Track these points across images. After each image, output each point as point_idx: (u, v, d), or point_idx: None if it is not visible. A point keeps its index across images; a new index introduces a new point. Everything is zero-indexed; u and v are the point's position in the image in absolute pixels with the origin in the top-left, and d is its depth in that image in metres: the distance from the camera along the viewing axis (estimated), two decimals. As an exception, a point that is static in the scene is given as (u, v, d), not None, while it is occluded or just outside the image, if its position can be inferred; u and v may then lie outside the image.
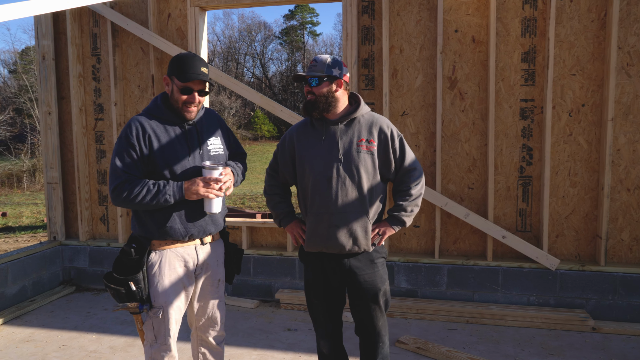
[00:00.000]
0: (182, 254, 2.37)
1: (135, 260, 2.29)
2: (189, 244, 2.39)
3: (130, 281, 2.25)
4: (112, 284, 2.28)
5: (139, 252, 2.30)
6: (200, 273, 2.46)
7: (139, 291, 2.28)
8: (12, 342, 3.72)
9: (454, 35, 4.19)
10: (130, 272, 2.28)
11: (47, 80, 4.82)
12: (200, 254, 2.43)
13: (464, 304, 4.15)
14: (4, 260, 4.30)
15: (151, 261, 2.32)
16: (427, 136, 4.32)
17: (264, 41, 45.14)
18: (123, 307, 2.30)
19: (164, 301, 2.33)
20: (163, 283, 2.33)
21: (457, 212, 4.18)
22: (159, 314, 2.33)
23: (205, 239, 2.45)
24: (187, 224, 2.33)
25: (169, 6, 4.68)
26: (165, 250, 2.33)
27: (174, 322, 2.38)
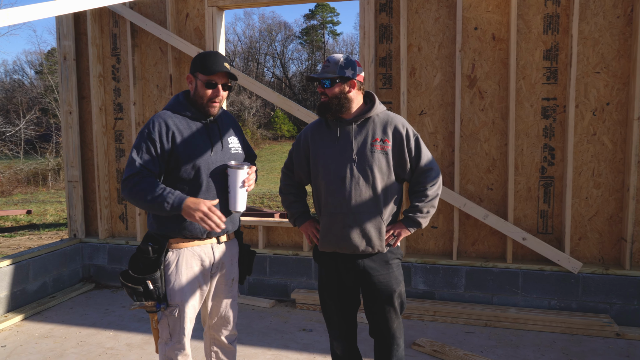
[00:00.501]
0: (198, 252, 2.37)
1: (152, 259, 2.29)
2: (206, 243, 2.39)
3: (147, 280, 2.25)
4: (130, 283, 2.28)
5: (156, 250, 2.30)
6: (215, 272, 2.47)
7: (156, 290, 2.28)
8: (32, 338, 3.78)
9: (473, 32, 4.11)
10: (147, 270, 2.28)
11: (68, 80, 4.90)
12: (217, 252, 2.43)
13: (483, 306, 4.07)
14: (25, 257, 4.37)
15: (168, 260, 2.32)
16: (445, 136, 4.25)
17: (284, 41, 45.29)
18: (140, 306, 2.30)
19: (180, 300, 2.33)
20: (180, 282, 2.33)
21: (475, 213, 4.10)
22: (174, 313, 2.33)
23: (221, 238, 2.44)
24: None
25: (187, 6, 4.71)
26: (182, 249, 2.33)
27: (188, 320, 2.38)
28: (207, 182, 2.32)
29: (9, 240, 9.32)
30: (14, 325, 4.02)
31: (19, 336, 3.82)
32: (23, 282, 4.33)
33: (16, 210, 12.30)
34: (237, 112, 35.56)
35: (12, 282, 4.22)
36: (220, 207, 2.35)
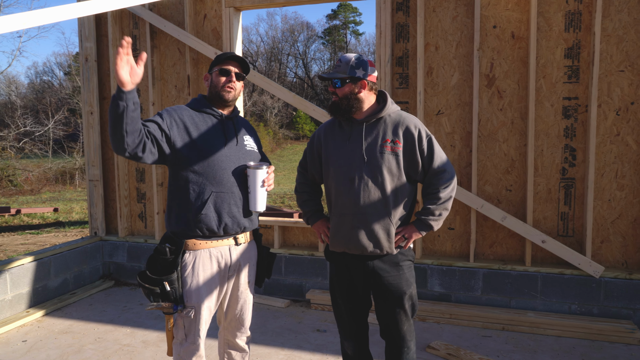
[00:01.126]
0: (215, 254, 2.38)
1: (170, 261, 2.30)
2: (224, 244, 2.40)
3: (165, 281, 2.26)
4: (147, 284, 2.30)
5: (173, 252, 2.32)
6: (232, 274, 2.48)
7: (173, 291, 2.29)
8: (51, 333, 3.87)
9: (492, 31, 4.04)
10: (164, 272, 2.30)
11: (90, 81, 4.99)
12: (234, 254, 2.45)
13: (500, 310, 3.99)
14: (47, 254, 4.48)
15: (185, 261, 2.33)
16: (462, 136, 4.18)
17: (306, 41, 45.37)
18: (157, 307, 2.31)
19: (196, 301, 2.34)
20: (197, 283, 2.34)
21: (493, 215, 4.02)
22: (190, 314, 2.34)
23: (239, 239, 2.45)
24: (221, 212, 2.33)
25: (205, 7, 4.75)
26: (199, 250, 2.34)
27: (204, 322, 2.39)
28: (221, 175, 2.34)
29: (35, 237, 9.57)
30: (35, 320, 4.12)
31: (40, 331, 3.91)
32: (45, 279, 4.44)
33: (43, 208, 12.64)
34: (260, 112, 35.80)
35: (34, 279, 4.33)
36: (230, 200, 2.36)
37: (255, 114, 36.18)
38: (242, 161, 2.43)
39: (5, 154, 21.48)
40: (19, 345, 3.65)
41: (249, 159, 2.46)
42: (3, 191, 18.88)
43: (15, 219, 11.50)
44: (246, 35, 44.71)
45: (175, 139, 2.29)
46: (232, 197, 2.36)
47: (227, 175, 2.36)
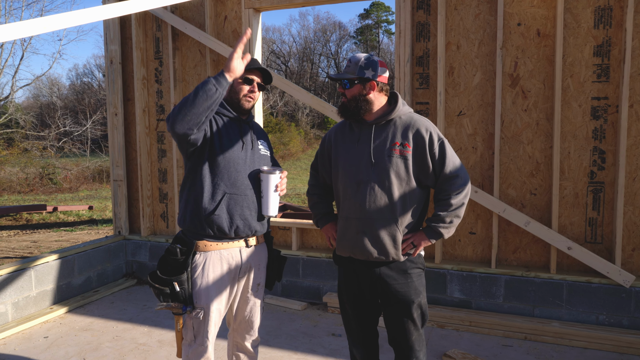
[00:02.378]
0: (226, 256, 2.38)
1: (180, 261, 2.32)
2: (234, 246, 2.39)
3: (174, 282, 2.28)
4: (157, 284, 2.31)
5: (184, 252, 2.32)
6: (242, 276, 2.47)
7: (183, 292, 2.30)
8: (72, 330, 3.96)
9: (516, 29, 3.89)
10: (175, 272, 2.31)
11: (114, 83, 5.09)
12: (245, 256, 2.44)
13: (522, 318, 3.84)
14: (71, 252, 4.59)
15: (195, 262, 2.34)
16: (485, 137, 4.05)
17: (338, 41, 45.28)
18: (167, 307, 2.33)
19: (205, 303, 2.34)
20: (206, 285, 2.34)
21: (516, 220, 3.87)
22: (199, 315, 2.34)
23: (250, 241, 2.44)
24: (233, 214, 2.33)
25: (226, 9, 4.77)
26: (209, 251, 2.34)
27: (213, 324, 2.39)
28: (236, 177, 2.35)
29: (69, 234, 9.88)
30: (58, 317, 4.22)
31: (61, 328, 4.00)
32: (69, 276, 4.55)
33: (79, 206, 13.04)
34: (291, 112, 35.96)
35: (58, 276, 4.44)
36: (243, 203, 2.36)
37: (287, 114, 36.38)
38: (257, 165, 2.44)
39: (46, 153, 22.30)
40: (40, 341, 3.75)
41: (262, 164, 2.48)
42: (43, 189, 19.61)
43: (52, 216, 11.90)
44: (278, 36, 45.04)
45: (208, 128, 2.32)
46: (245, 200, 2.36)
47: (242, 177, 2.36)
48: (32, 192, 18.83)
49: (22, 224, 11.11)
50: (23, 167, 20.84)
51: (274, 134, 30.05)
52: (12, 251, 8.06)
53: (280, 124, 32.26)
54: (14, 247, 8.38)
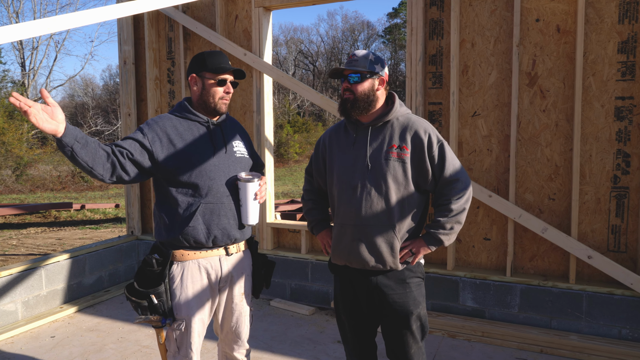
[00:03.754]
0: (205, 265, 2.28)
1: (157, 272, 2.22)
2: (213, 255, 2.29)
3: (152, 294, 2.18)
4: (134, 297, 2.21)
5: (161, 263, 2.23)
6: (224, 286, 2.37)
7: (161, 304, 2.20)
8: (79, 330, 3.97)
9: (534, 25, 3.69)
10: (152, 284, 2.21)
11: (128, 83, 5.11)
12: (225, 265, 2.34)
13: (539, 330, 3.64)
14: (82, 252, 4.62)
15: (173, 273, 2.24)
16: (500, 139, 3.86)
17: (366, 40, 44.99)
18: (145, 320, 2.23)
19: (186, 314, 2.26)
20: (186, 296, 2.25)
21: (532, 226, 3.68)
22: (181, 327, 2.27)
23: (230, 249, 2.34)
24: (210, 224, 2.23)
25: (237, 8, 4.71)
26: (187, 261, 2.25)
27: (196, 334, 2.30)
28: (210, 185, 2.23)
29: (94, 232, 10.06)
30: (67, 316, 4.25)
31: (69, 328, 4.02)
32: (80, 276, 4.58)
33: (106, 204, 13.28)
34: (318, 111, 35.89)
35: (69, 275, 4.48)
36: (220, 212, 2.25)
37: (314, 113, 36.35)
38: (232, 170, 2.31)
39: (78, 152, 22.84)
40: (47, 341, 3.77)
41: (239, 167, 2.35)
42: (75, 187, 20.14)
43: (79, 214, 12.16)
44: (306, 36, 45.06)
45: (158, 153, 2.18)
46: (222, 208, 2.25)
47: (217, 185, 2.24)
48: (64, 190, 19.36)
49: (50, 221, 11.39)
50: (56, 165, 21.47)
51: (300, 133, 30.05)
52: (36, 248, 8.25)
53: (307, 124, 32.25)
54: (39, 244, 8.59)
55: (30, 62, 26.51)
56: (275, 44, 43.38)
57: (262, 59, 4.50)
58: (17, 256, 7.60)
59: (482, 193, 3.81)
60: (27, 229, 10.39)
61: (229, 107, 4.83)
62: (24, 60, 26.41)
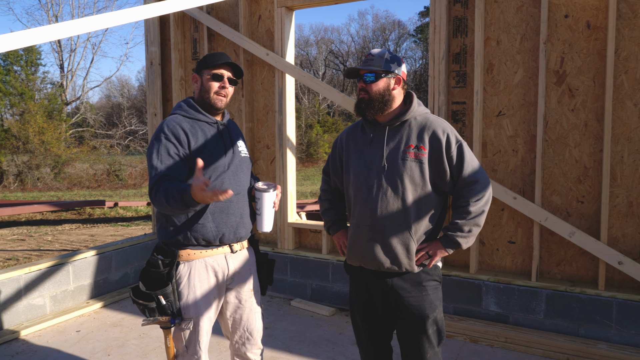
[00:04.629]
0: (211, 263, 2.29)
1: (163, 273, 2.21)
2: (219, 253, 2.30)
3: (159, 295, 2.18)
4: (141, 299, 2.21)
5: (167, 264, 2.22)
6: (231, 284, 2.38)
7: (169, 305, 2.20)
8: (103, 325, 4.06)
9: (563, 21, 3.56)
10: (159, 285, 2.21)
11: (154, 84, 5.20)
12: (231, 263, 2.35)
13: (565, 337, 3.51)
14: (109, 248, 4.73)
15: (180, 273, 2.24)
16: (526, 140, 3.74)
17: (397, 40, 44.60)
18: (154, 321, 2.23)
19: (195, 314, 2.26)
20: (194, 296, 2.25)
21: (559, 230, 3.55)
22: (189, 326, 2.27)
23: (234, 247, 2.35)
24: (219, 223, 2.25)
25: (260, 8, 4.73)
26: (193, 260, 2.26)
27: (204, 333, 2.31)
28: (220, 185, 2.25)
29: (125, 229, 10.31)
30: (93, 311, 4.36)
31: (94, 322, 4.12)
32: (106, 272, 4.69)
33: (138, 202, 13.59)
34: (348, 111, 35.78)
35: (96, 272, 4.59)
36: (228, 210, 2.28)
37: (343, 113, 36.27)
38: (239, 169, 2.35)
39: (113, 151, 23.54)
40: (72, 335, 3.87)
41: (244, 166, 2.40)
42: (110, 184, 20.72)
43: (112, 211, 12.49)
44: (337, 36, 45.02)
45: (187, 158, 2.21)
46: (231, 207, 2.27)
47: (227, 184, 2.26)
48: (99, 188, 19.95)
49: (84, 218, 11.74)
50: (92, 163, 22.15)
51: (330, 133, 30.03)
52: (70, 244, 8.51)
53: (336, 124, 32.22)
54: (73, 240, 8.85)
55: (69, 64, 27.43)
56: (305, 44, 43.51)
57: (284, 58, 4.50)
58: (51, 251, 7.85)
59: (506, 195, 3.70)
60: (62, 225, 10.73)
61: (253, 107, 4.85)
62: (62, 62, 27.34)
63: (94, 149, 23.37)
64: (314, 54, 43.76)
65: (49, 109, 22.14)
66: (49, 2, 27.80)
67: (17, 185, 19.19)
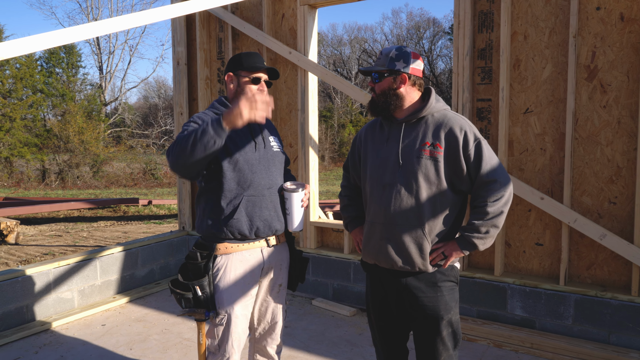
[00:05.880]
0: (248, 257, 2.32)
1: (201, 265, 2.27)
2: (255, 246, 2.34)
3: (196, 285, 2.23)
4: (178, 289, 2.28)
5: (205, 256, 2.28)
6: (264, 277, 2.42)
7: (205, 296, 2.25)
8: (127, 320, 4.15)
9: (594, 13, 3.40)
10: (196, 277, 2.27)
11: (180, 83, 5.28)
12: (267, 257, 2.38)
13: (595, 345, 3.36)
14: (135, 245, 4.83)
15: (217, 266, 2.29)
16: (555, 138, 3.60)
17: (432, 38, 43.98)
18: (189, 312, 2.28)
19: (229, 306, 2.29)
20: (229, 288, 2.28)
21: (588, 232, 3.40)
22: (223, 321, 2.29)
23: (270, 241, 2.38)
24: (253, 216, 2.28)
25: (283, 6, 4.72)
26: (230, 254, 2.29)
27: (240, 331, 2.33)
28: (252, 179, 2.29)
29: (157, 226, 10.53)
30: (118, 306, 4.46)
31: (119, 317, 4.21)
32: (132, 268, 4.78)
33: (171, 200, 13.87)
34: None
35: (123, 267, 4.69)
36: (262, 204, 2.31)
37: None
38: (271, 163, 2.38)
39: (149, 150, 24.12)
40: (98, 329, 3.97)
41: (276, 161, 2.42)
42: (146, 183, 21.24)
43: (146, 209, 12.79)
44: (370, 35, 44.78)
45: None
46: (264, 201, 2.31)
47: (258, 178, 2.30)
48: (135, 186, 20.48)
49: (119, 215, 12.06)
50: (129, 162, 22.76)
51: (361, 133, 29.86)
52: (103, 240, 8.75)
53: (368, 123, 32.00)
54: (107, 237, 9.10)
55: (107, 65, 28.30)
56: (338, 44, 43.46)
57: (307, 57, 4.49)
58: (86, 247, 8.09)
59: (533, 195, 3.57)
60: (97, 222, 11.06)
61: (276, 106, 4.86)
62: (101, 64, 28.24)
63: (130, 149, 24.02)
64: (347, 53, 43.67)
65: (88, 110, 22.89)
66: (88, 7, 28.76)
67: (58, 183, 19.93)
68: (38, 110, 22.13)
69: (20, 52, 2.52)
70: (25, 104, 20.68)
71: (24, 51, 2.55)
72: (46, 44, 2.61)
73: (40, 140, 21.22)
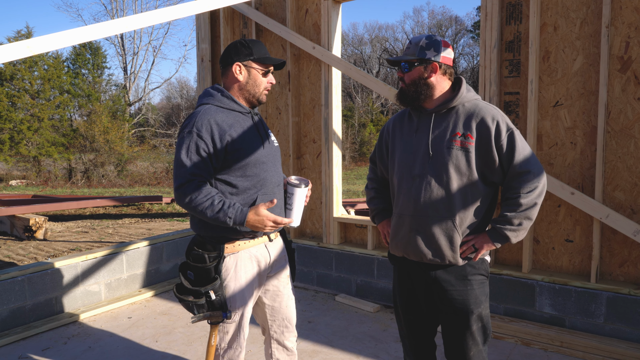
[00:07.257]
0: (254, 254, 2.30)
1: (211, 268, 2.18)
2: (260, 242, 2.31)
3: (210, 290, 2.16)
4: (191, 296, 2.17)
5: (214, 258, 2.20)
6: (271, 272, 2.40)
7: (219, 299, 2.19)
8: (153, 313, 4.19)
9: (628, 2, 3.30)
10: (206, 280, 2.19)
11: (204, 80, 5.31)
12: (271, 251, 2.37)
13: (628, 344, 3.26)
14: (160, 240, 4.88)
15: (226, 266, 2.22)
16: (586, 131, 3.51)
17: (454, 36, 43.53)
18: (205, 317, 2.19)
19: (241, 306, 2.27)
20: (240, 288, 2.25)
21: (621, 228, 3.30)
22: (236, 319, 2.27)
23: (271, 235, 2.36)
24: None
25: (307, 2, 4.71)
26: (239, 252, 2.25)
27: (247, 325, 2.34)
28: (264, 176, 2.26)
29: (180, 224, 10.64)
30: (144, 300, 4.51)
31: (144, 310, 4.26)
32: (157, 262, 4.84)
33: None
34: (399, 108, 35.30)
35: (148, 262, 4.74)
36: (280, 209, 2.30)
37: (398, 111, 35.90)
38: (276, 159, 2.35)
39: (172, 150, 24.41)
40: (124, 321, 4.02)
41: (278, 156, 2.39)
42: (169, 182, 21.51)
43: (169, 207, 12.94)
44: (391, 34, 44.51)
45: (218, 156, 2.15)
46: (275, 198, 2.26)
47: (270, 176, 2.27)
48: (158, 185, 20.76)
49: (143, 213, 12.23)
50: (152, 162, 23.09)
51: (382, 132, 29.73)
52: (128, 237, 8.88)
53: (389, 123, 31.84)
54: (131, 234, 9.24)
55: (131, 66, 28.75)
56: (359, 43, 43.34)
57: (330, 52, 4.47)
58: (111, 243, 8.22)
59: (563, 190, 3.48)
60: (122, 219, 11.23)
61: (299, 101, 4.85)
62: (125, 65, 28.70)
63: (154, 148, 24.36)
64: (368, 53, 43.52)
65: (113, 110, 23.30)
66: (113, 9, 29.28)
67: (83, 182, 20.33)
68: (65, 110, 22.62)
69: (51, 48, 2.57)
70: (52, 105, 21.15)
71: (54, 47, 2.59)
72: (75, 39, 2.65)
73: (67, 139, 21.69)
